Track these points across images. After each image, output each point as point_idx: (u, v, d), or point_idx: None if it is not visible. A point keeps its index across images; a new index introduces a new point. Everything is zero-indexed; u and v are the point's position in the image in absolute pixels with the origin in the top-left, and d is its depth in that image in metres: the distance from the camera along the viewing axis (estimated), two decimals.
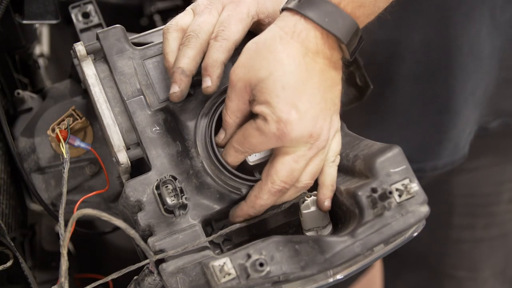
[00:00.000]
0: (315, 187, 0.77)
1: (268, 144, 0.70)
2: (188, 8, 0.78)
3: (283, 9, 0.71)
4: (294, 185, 0.72)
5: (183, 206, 0.72)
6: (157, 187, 0.72)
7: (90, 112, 0.87)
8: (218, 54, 0.73)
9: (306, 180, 0.73)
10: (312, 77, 0.69)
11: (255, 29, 0.79)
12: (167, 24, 0.78)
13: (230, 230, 0.74)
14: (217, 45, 0.73)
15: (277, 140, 0.69)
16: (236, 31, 0.74)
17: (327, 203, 0.74)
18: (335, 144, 0.75)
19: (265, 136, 0.69)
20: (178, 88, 0.74)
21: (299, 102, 0.68)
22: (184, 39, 0.75)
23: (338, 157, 0.76)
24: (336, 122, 0.74)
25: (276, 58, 0.68)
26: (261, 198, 0.72)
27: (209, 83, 0.73)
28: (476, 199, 1.24)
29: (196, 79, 0.79)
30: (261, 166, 0.75)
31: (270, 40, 0.69)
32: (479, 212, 1.25)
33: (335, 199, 0.75)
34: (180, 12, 0.79)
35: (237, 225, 0.74)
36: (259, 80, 0.69)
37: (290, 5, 0.70)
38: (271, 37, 0.69)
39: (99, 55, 0.80)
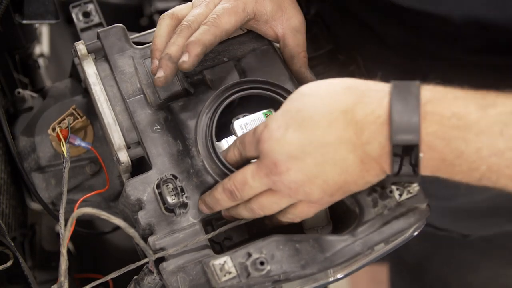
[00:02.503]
0: None
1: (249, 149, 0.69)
2: (189, 2, 0.79)
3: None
4: (244, 201, 0.70)
5: (184, 205, 0.72)
6: (158, 186, 0.72)
7: (90, 111, 0.87)
8: (202, 35, 0.73)
9: (254, 205, 0.69)
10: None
11: (251, 27, 0.79)
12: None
13: (229, 227, 0.74)
14: (205, 28, 0.74)
15: (256, 146, 0.67)
16: (228, 21, 0.74)
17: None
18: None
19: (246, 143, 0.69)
20: (163, 74, 0.73)
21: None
22: (177, 28, 0.75)
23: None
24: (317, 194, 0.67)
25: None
26: (216, 190, 0.71)
27: (185, 58, 0.72)
28: None
29: (197, 78, 0.79)
30: None
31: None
32: None
33: None
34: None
35: (236, 223, 0.74)
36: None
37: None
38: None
39: (100, 54, 0.80)
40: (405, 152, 0.61)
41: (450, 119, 0.59)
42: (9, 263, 0.78)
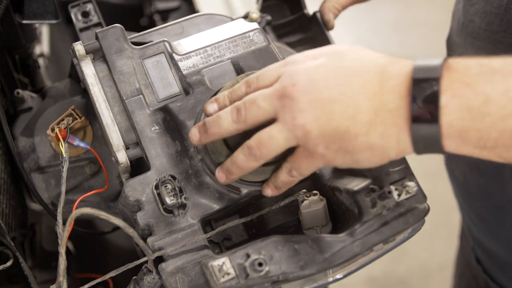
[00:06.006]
0: (314, 187, 0.77)
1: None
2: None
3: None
4: (242, 145, 0.68)
5: (182, 206, 0.72)
6: (156, 187, 0.72)
7: (89, 111, 0.87)
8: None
9: (253, 141, 0.66)
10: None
11: None
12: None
13: (228, 226, 0.74)
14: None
15: (281, 68, 0.67)
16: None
17: None
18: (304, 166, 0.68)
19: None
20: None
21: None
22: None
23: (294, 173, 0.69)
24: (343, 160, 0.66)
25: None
26: (224, 109, 0.69)
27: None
28: None
29: (195, 78, 0.79)
30: None
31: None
32: None
33: (334, 198, 0.74)
34: (179, 13, 0.79)
35: (235, 222, 0.74)
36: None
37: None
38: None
39: (98, 54, 0.80)
40: (426, 99, 0.58)
41: (474, 67, 0.58)
42: (9, 263, 0.78)
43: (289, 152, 0.68)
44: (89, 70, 0.78)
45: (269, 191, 0.72)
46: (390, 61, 0.63)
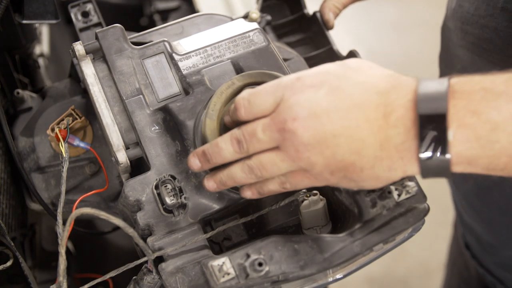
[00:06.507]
0: (313, 187, 0.77)
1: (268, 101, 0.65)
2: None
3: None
4: (243, 159, 0.67)
5: (182, 206, 0.72)
6: (156, 187, 0.72)
7: (89, 111, 0.87)
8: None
9: (254, 162, 0.66)
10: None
11: None
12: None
13: (228, 226, 0.74)
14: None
15: (278, 94, 0.64)
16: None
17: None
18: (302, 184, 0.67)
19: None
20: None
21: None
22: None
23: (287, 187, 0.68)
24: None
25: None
26: (222, 138, 0.68)
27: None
28: None
29: (195, 78, 0.79)
30: None
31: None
32: None
33: (334, 198, 0.74)
34: (179, 13, 0.79)
35: (235, 222, 0.74)
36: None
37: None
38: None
39: (98, 54, 0.80)
40: (435, 139, 0.58)
41: (478, 92, 0.58)
42: (9, 263, 0.78)
43: None
44: (89, 70, 0.78)
45: (249, 194, 0.70)
46: (391, 85, 0.62)
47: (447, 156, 0.58)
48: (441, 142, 0.58)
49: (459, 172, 0.61)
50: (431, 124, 0.58)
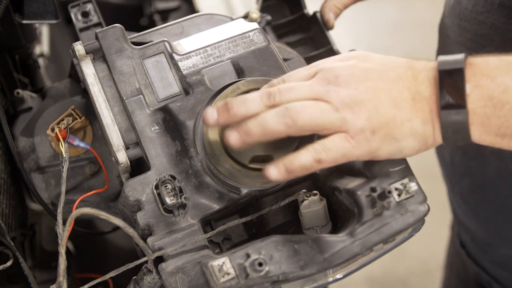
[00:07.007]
0: (314, 187, 0.77)
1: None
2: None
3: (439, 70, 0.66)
4: (283, 104, 0.65)
5: (182, 206, 0.72)
6: (156, 187, 0.72)
7: (89, 111, 0.87)
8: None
9: (291, 105, 0.64)
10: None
11: None
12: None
13: (228, 226, 0.74)
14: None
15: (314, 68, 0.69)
16: None
17: None
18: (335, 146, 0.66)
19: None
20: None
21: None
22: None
23: (323, 154, 0.65)
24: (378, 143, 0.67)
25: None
26: (252, 94, 0.66)
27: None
28: None
29: (195, 78, 0.79)
30: None
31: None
32: None
33: (334, 198, 0.74)
34: (179, 13, 0.79)
35: (235, 222, 0.74)
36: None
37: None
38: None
39: (98, 54, 0.80)
40: (454, 87, 0.64)
41: (493, 61, 0.65)
42: (9, 263, 0.78)
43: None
44: (89, 70, 0.78)
45: (274, 172, 0.65)
46: (413, 59, 0.69)
47: (466, 109, 0.64)
48: (459, 93, 0.64)
49: (475, 142, 0.66)
50: (451, 78, 0.65)
